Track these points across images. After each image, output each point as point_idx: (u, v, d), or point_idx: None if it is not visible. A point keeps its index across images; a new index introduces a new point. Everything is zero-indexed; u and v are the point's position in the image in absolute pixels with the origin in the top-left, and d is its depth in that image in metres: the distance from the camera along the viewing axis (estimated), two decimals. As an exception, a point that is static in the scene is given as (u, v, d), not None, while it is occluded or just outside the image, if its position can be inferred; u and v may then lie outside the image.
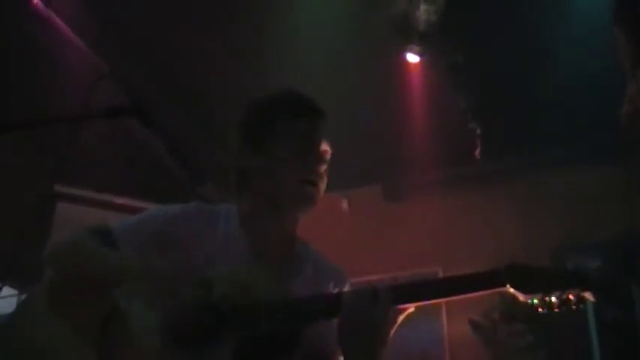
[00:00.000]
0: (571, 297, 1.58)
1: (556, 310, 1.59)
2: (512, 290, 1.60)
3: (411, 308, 1.65)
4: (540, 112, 4.98)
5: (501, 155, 5.50)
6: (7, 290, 3.65)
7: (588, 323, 4.86)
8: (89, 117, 1.66)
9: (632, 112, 0.99)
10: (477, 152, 5.08)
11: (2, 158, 4.39)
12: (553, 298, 1.58)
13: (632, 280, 4.66)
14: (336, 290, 1.90)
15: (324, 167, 1.90)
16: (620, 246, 5.01)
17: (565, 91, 4.67)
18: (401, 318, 1.64)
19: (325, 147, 1.90)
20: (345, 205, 6.15)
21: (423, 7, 4.25)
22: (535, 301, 1.60)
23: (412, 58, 4.71)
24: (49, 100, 4.28)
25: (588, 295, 1.58)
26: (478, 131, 5.02)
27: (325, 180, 1.91)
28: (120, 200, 4.28)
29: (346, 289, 1.90)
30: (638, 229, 4.99)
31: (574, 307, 1.59)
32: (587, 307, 4.74)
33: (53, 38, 4.36)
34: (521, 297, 1.60)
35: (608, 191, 5.30)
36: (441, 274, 5.18)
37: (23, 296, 2.03)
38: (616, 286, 4.58)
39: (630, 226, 5.02)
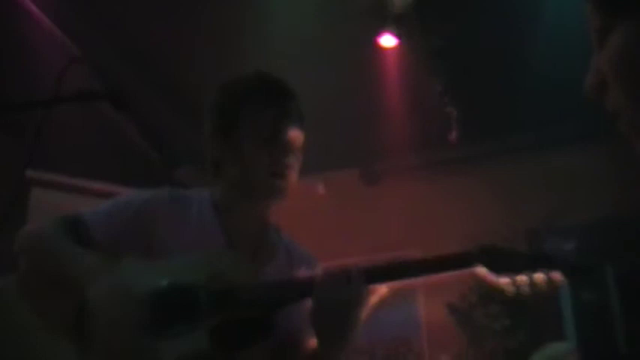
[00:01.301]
0: (540, 277, 1.60)
1: (526, 290, 1.61)
2: (483, 270, 1.62)
3: (384, 290, 1.66)
4: (517, 96, 4.99)
5: (478, 139, 5.52)
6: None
7: (564, 305, 4.91)
8: (61, 101, 1.64)
9: (597, 83, 0.99)
10: (454, 136, 5.09)
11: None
12: (523, 278, 1.60)
13: (607, 262, 4.71)
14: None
15: (293, 158, 1.86)
16: (596, 228, 5.06)
17: (543, 74, 4.68)
18: (373, 299, 1.65)
19: (295, 134, 1.87)
20: (321, 188, 6.15)
21: (398, -11, 4.24)
22: (506, 281, 1.62)
23: (388, 41, 4.70)
24: (20, 85, 4.22)
25: (557, 276, 1.60)
26: (455, 114, 5.03)
27: (296, 168, 1.88)
28: (95, 185, 4.25)
29: None
30: (614, 211, 5.05)
31: (543, 287, 1.61)
32: (562, 289, 4.80)
33: (24, 21, 4.30)
34: (491, 277, 1.62)
35: (584, 175, 5.35)
36: (418, 257, 5.19)
37: (-1, 283, 2.00)
38: (590, 268, 4.62)
39: (608, 208, 5.07)
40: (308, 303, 1.76)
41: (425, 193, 5.87)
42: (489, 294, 5.07)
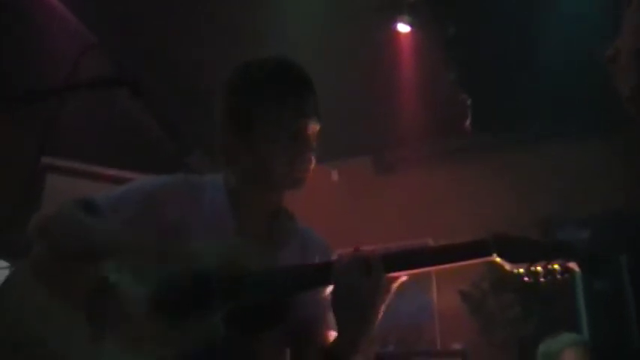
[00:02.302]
0: (556, 267, 1.60)
1: (541, 279, 1.61)
2: (498, 260, 1.62)
3: (403, 277, 1.65)
4: (533, 85, 4.96)
5: (492, 128, 5.50)
6: (-1, 262, 3.64)
7: (577, 294, 4.89)
8: (78, 87, 1.64)
9: (614, 54, 1.00)
10: (468, 124, 5.08)
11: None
12: (538, 268, 1.60)
13: (620, 252, 4.69)
14: None
15: (312, 152, 1.85)
16: (609, 219, 5.04)
17: (560, 62, 4.65)
18: (394, 286, 1.65)
19: (314, 128, 1.86)
20: (335, 176, 6.15)
21: (412, -23, 4.23)
22: (521, 270, 1.62)
23: (402, 28, 4.68)
24: (37, 72, 4.24)
25: (573, 266, 1.60)
26: (468, 102, 5.01)
27: (314, 160, 1.88)
28: (109, 171, 4.26)
29: None
30: (627, 202, 5.02)
31: (559, 276, 1.61)
32: (575, 278, 4.77)
33: (40, 8, 4.31)
34: (507, 266, 1.62)
35: (598, 165, 5.32)
36: (430, 246, 5.20)
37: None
38: (603, 258, 4.60)
39: (621, 199, 5.04)
40: (324, 292, 1.78)
41: (438, 181, 5.86)
42: (502, 282, 5.07)
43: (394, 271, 1.63)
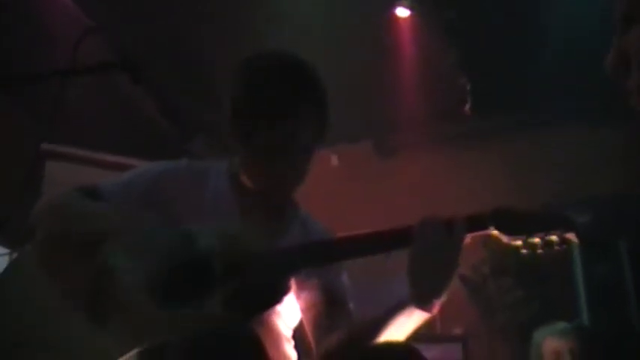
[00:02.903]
0: (554, 238, 1.60)
1: (539, 251, 1.62)
2: (495, 233, 1.62)
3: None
4: (533, 69, 4.95)
5: (493, 112, 5.49)
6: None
7: (577, 279, 4.90)
8: (78, 72, 1.64)
9: (619, 64, 1.00)
10: (467, 108, 5.07)
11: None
12: (536, 240, 1.61)
13: (621, 235, 4.70)
14: None
15: (302, 163, 1.85)
16: (610, 203, 5.04)
17: (558, 47, 4.64)
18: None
19: (306, 140, 1.83)
20: (335, 161, 6.14)
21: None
22: (519, 243, 1.62)
23: (402, 12, 4.67)
24: (35, 58, 4.23)
25: (571, 237, 1.60)
26: (468, 86, 5.00)
27: (307, 167, 1.88)
28: (110, 158, 4.26)
29: None
30: (627, 187, 5.02)
31: (557, 247, 1.61)
32: (576, 261, 4.78)
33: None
34: (504, 239, 1.63)
35: (599, 149, 5.31)
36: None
37: (15, 255, 2.03)
38: (604, 241, 4.61)
39: (621, 184, 5.04)
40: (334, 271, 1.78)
41: (439, 166, 5.86)
42: (502, 266, 5.08)
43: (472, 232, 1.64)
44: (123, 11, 4.65)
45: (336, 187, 5.85)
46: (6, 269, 1.80)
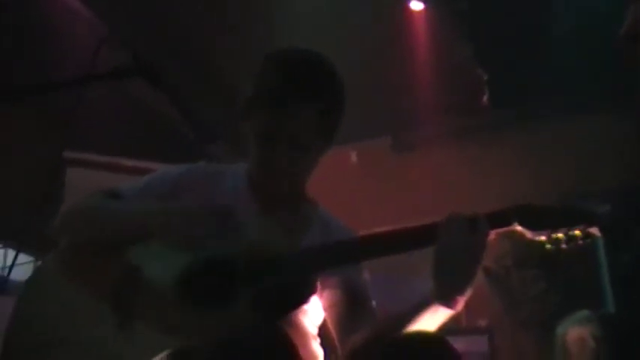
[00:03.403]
0: (578, 233, 1.60)
1: (563, 246, 1.61)
2: (519, 229, 1.62)
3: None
4: (548, 59, 4.92)
5: (509, 104, 5.47)
6: (23, 257, 3.69)
7: (600, 269, 4.88)
8: (97, 78, 1.65)
9: (634, 33, 1.00)
10: (485, 99, 5.05)
11: (11, 126, 4.39)
12: (560, 235, 1.60)
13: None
14: None
15: (293, 154, 1.83)
16: (630, 193, 5.01)
17: (574, 37, 4.61)
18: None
19: (295, 131, 1.82)
20: (354, 157, 6.15)
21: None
22: (542, 238, 1.62)
23: (416, 6, 4.67)
24: (53, 67, 4.26)
25: (595, 231, 1.60)
26: (484, 78, 4.99)
27: (298, 163, 1.86)
28: (130, 162, 4.28)
29: None
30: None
31: (580, 242, 1.61)
32: (599, 252, 4.76)
33: (54, 3, 4.33)
34: (528, 235, 1.62)
35: (616, 138, 5.28)
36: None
37: (39, 263, 2.04)
38: (627, 230, 4.58)
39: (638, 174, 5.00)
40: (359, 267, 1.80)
41: (457, 160, 5.84)
42: (525, 258, 5.06)
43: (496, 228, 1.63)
44: (138, 16, 4.68)
45: (356, 184, 5.86)
46: (30, 277, 1.81)
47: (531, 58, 4.97)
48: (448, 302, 1.60)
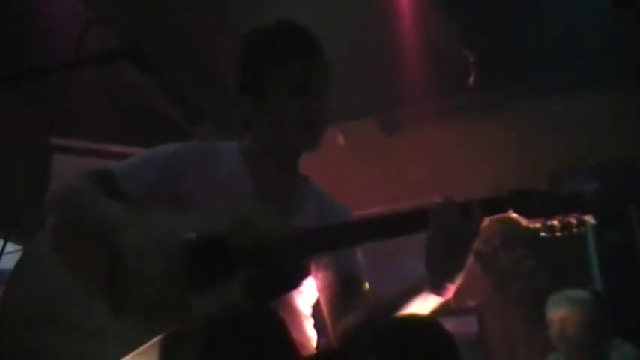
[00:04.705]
0: (572, 220, 1.60)
1: (558, 233, 1.61)
2: (514, 216, 1.61)
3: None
4: (537, 38, 4.91)
5: (498, 83, 5.46)
6: (10, 246, 3.66)
7: (588, 246, 4.90)
8: (84, 63, 1.63)
9: None
10: (471, 79, 5.05)
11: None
12: (555, 222, 1.60)
13: (630, 202, 4.69)
14: None
15: (323, 106, 1.87)
16: (618, 169, 5.03)
17: (563, 16, 4.60)
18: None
19: (323, 82, 1.87)
20: (341, 138, 6.13)
21: None
22: (537, 225, 1.62)
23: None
24: (36, 53, 4.22)
25: (589, 218, 1.60)
26: (471, 58, 4.98)
27: (326, 115, 1.88)
28: (117, 148, 4.25)
29: None
30: (636, 152, 5.01)
31: (575, 230, 1.61)
32: (587, 230, 4.79)
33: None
34: (523, 222, 1.62)
35: (605, 116, 5.29)
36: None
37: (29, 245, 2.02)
38: (615, 209, 4.61)
39: (629, 151, 5.02)
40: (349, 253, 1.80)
41: (445, 139, 5.84)
42: (512, 237, 5.07)
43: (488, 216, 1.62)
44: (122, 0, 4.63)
45: (343, 165, 5.84)
46: (21, 257, 1.80)
47: (520, 35, 4.94)
48: (439, 289, 1.60)
